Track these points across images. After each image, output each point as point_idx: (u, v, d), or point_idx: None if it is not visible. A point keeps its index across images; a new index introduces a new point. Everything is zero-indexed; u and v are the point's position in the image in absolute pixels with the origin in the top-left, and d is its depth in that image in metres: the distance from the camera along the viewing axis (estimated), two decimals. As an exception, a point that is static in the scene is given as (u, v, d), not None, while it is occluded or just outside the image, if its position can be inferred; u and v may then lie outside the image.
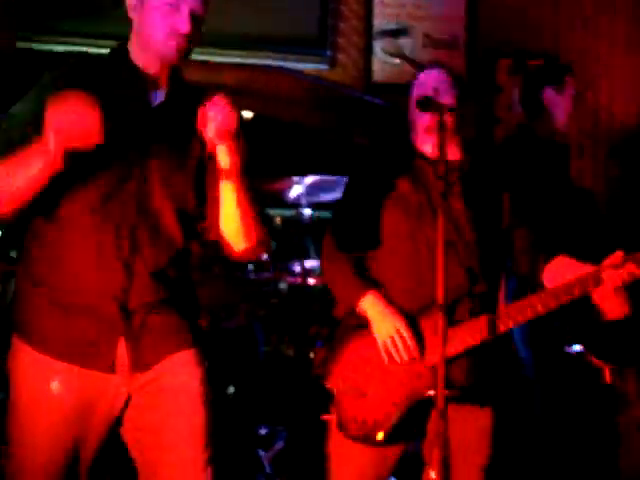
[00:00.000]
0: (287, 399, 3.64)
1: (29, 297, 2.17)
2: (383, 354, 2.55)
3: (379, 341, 2.55)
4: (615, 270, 2.47)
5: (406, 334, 2.52)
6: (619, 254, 2.48)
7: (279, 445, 3.50)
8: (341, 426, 2.58)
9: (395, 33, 4.81)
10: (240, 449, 3.43)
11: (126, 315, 2.13)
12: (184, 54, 2.15)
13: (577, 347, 3.08)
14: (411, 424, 2.58)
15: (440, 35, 4.81)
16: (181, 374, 2.22)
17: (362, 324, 2.59)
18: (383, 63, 4.75)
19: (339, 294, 2.65)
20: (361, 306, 2.57)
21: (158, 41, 2.11)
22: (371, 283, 2.59)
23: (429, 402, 2.52)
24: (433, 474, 2.34)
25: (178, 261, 2.23)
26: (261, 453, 3.49)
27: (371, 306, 2.55)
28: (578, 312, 2.85)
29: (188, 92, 2.23)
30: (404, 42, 4.79)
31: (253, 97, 4.67)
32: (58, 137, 1.91)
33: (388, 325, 2.52)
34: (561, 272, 2.54)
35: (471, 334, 2.53)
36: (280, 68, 4.56)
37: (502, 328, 2.55)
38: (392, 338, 2.52)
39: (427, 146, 2.66)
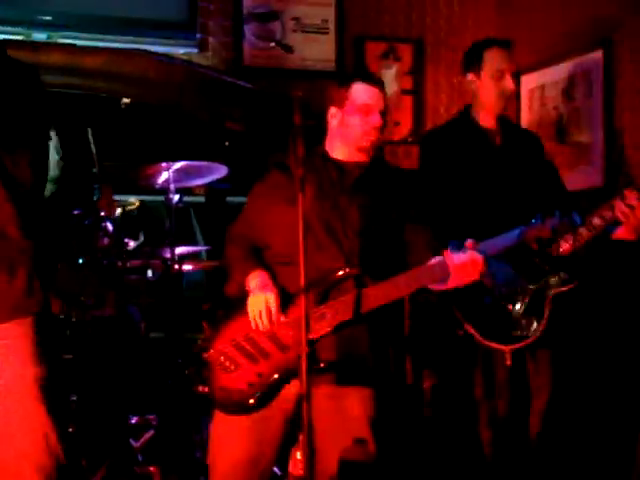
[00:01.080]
0: (157, 388, 3.63)
1: None
2: (252, 322, 2.62)
3: (249, 309, 2.62)
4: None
5: (273, 305, 2.60)
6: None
7: (150, 433, 3.49)
8: (212, 397, 2.66)
9: (265, 17, 4.81)
10: (112, 439, 3.40)
11: None
12: None
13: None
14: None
15: (310, 20, 4.85)
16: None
17: (244, 300, 2.66)
18: (253, 47, 4.75)
19: (233, 274, 2.75)
20: (248, 284, 2.65)
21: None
22: (261, 265, 2.69)
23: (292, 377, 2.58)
24: (298, 454, 2.40)
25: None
26: (133, 442, 3.46)
27: (252, 281, 2.64)
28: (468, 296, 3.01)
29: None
30: (274, 26, 4.80)
31: (119, 81, 4.60)
32: None
33: (259, 296, 2.61)
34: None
35: (338, 313, 2.59)
36: (146, 51, 4.49)
37: (365, 308, 2.62)
38: (257, 307, 2.60)
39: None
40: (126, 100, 4.79)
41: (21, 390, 2.19)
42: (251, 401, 2.60)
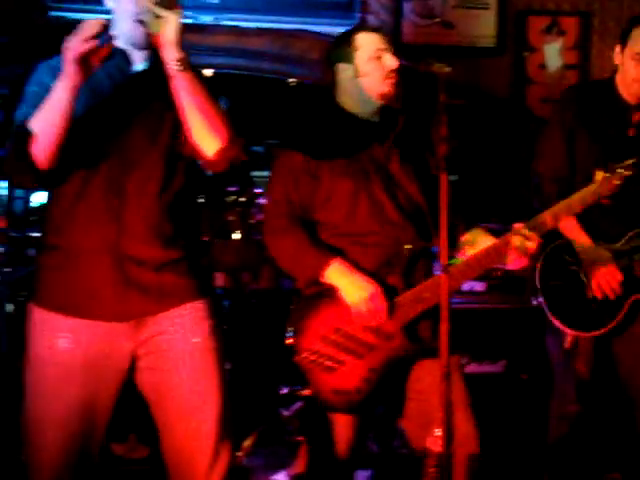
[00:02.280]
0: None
1: (39, 264, 2.33)
2: (357, 321, 2.54)
3: (352, 306, 2.53)
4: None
5: (379, 298, 2.53)
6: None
7: (299, 404, 3.59)
8: (320, 400, 2.57)
9: (425, -6, 4.78)
10: (263, 408, 3.52)
11: (120, 266, 2.24)
12: None
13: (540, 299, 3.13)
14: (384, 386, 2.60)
15: (472, -5, 4.78)
16: (186, 331, 2.31)
17: (324, 293, 2.57)
18: (413, 25, 4.73)
19: (298, 267, 2.61)
20: (327, 275, 2.54)
21: None
22: (330, 251, 2.58)
23: (401, 362, 2.58)
24: (438, 431, 2.39)
25: (174, 216, 2.32)
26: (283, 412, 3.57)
27: (338, 274, 2.53)
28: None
29: None
30: (434, 3, 4.76)
31: (283, 62, 4.72)
32: (68, 53, 2.11)
33: (360, 292, 2.51)
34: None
35: (433, 291, 2.54)
36: (309, 32, 4.58)
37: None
38: (366, 304, 2.51)
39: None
40: (292, 80, 4.92)
41: (201, 359, 2.32)
42: (367, 398, 2.56)
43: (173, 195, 2.32)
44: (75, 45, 2.11)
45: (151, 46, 2.28)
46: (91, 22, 2.14)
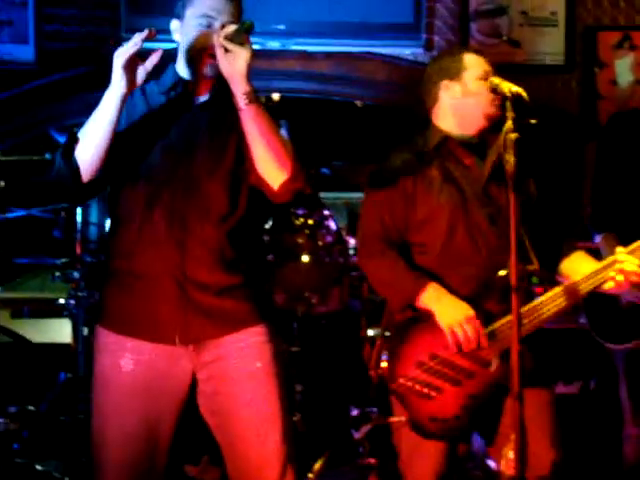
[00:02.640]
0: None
1: (104, 288, 2.40)
2: (452, 345, 2.51)
3: (448, 333, 2.50)
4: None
5: (475, 322, 2.50)
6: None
7: (369, 426, 3.57)
8: (416, 426, 2.54)
9: (492, 13, 4.76)
10: (334, 429, 3.52)
11: (182, 290, 2.28)
12: None
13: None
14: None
15: (538, 12, 4.73)
16: (247, 355, 2.34)
17: (419, 318, 2.56)
18: (480, 44, 4.71)
19: (392, 290, 2.61)
20: (422, 300, 2.53)
21: None
22: (426, 275, 2.56)
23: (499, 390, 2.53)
24: (511, 454, 2.36)
25: (236, 241, 2.35)
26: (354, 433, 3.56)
27: (434, 298, 2.52)
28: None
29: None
30: (500, 21, 4.74)
31: (351, 84, 4.75)
32: (115, 61, 2.20)
33: (456, 315, 2.49)
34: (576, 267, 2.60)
35: (531, 318, 2.52)
36: (375, 54, 4.61)
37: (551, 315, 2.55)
38: (461, 328, 2.49)
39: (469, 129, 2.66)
40: (358, 103, 4.95)
41: (263, 384, 2.35)
42: (465, 425, 2.54)
43: (236, 221, 2.35)
44: (121, 51, 2.20)
45: (218, 77, 2.32)
46: (138, 34, 2.21)
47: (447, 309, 2.50)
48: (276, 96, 4.25)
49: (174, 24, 2.40)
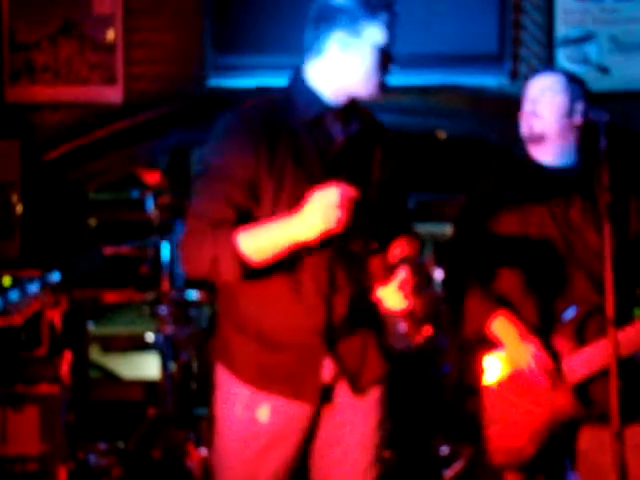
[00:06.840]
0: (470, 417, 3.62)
1: (234, 338, 2.28)
2: (521, 380, 2.48)
3: (515, 367, 2.48)
4: None
5: (543, 358, 2.45)
6: None
7: (460, 463, 3.49)
8: (489, 457, 2.54)
9: (579, 39, 4.67)
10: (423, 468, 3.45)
11: (330, 349, 2.21)
12: None
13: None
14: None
15: (628, 38, 4.63)
16: (363, 416, 2.29)
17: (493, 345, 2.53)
18: (567, 71, 4.63)
19: (467, 314, 2.58)
20: (492, 328, 2.50)
21: None
22: (499, 302, 2.52)
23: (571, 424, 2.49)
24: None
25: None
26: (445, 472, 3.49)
27: (503, 329, 2.48)
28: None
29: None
30: (589, 48, 4.65)
31: (432, 116, 4.72)
32: (324, 226, 2.00)
33: (523, 350, 2.45)
34: None
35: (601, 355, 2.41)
36: (458, 86, 4.57)
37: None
38: (529, 363, 2.45)
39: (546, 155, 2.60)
40: (442, 135, 4.91)
41: (368, 450, 2.30)
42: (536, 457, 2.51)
43: None
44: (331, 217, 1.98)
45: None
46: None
47: (514, 342, 2.47)
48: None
49: (338, 35, 2.17)
